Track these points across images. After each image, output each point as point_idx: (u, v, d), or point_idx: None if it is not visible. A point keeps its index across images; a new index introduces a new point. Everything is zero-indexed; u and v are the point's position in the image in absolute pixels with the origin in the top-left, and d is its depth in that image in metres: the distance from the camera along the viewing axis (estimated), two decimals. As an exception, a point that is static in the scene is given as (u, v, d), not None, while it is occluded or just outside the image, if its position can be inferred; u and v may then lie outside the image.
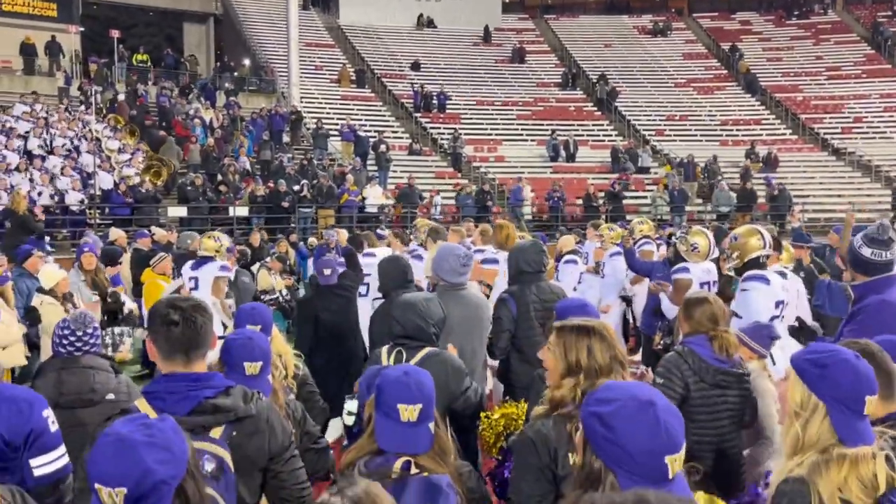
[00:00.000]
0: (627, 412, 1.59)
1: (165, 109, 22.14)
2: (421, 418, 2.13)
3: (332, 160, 22.01)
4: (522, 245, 5.00)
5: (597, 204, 20.76)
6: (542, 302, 4.60)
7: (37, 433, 2.31)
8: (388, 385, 2.16)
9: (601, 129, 28.62)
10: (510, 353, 4.61)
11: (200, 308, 2.14)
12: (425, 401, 2.15)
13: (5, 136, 17.43)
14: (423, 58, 31.55)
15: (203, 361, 2.15)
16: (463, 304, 4.41)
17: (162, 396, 2.08)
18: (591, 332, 2.39)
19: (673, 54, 33.73)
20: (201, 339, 2.12)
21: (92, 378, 3.04)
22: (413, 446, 2.11)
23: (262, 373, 2.61)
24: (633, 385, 1.74)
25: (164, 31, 41.66)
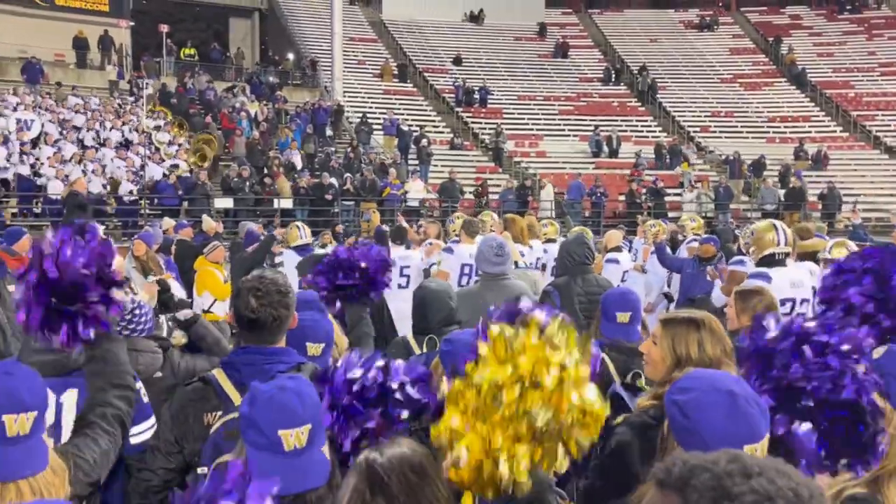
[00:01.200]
0: (705, 401, 1.61)
1: (211, 103, 22.56)
2: None
3: (375, 154, 22.19)
4: (568, 238, 5.04)
5: (640, 200, 20.55)
6: (587, 294, 4.62)
7: None
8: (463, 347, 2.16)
9: (644, 124, 28.29)
10: None
11: (282, 287, 2.22)
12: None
13: (60, 128, 17.97)
14: (466, 52, 31.54)
15: (281, 338, 2.23)
16: (502, 294, 4.42)
17: (238, 368, 2.18)
18: (702, 325, 2.36)
19: (719, 49, 33.13)
20: (275, 323, 2.19)
21: (135, 360, 3.15)
22: None
23: (324, 355, 2.68)
24: (716, 374, 1.75)
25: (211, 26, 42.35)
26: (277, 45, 34.53)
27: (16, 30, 25.13)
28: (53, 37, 25.36)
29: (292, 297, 2.27)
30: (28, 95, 19.57)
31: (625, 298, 3.44)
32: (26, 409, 1.64)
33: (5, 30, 24.78)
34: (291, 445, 1.72)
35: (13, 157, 15.79)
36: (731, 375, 1.75)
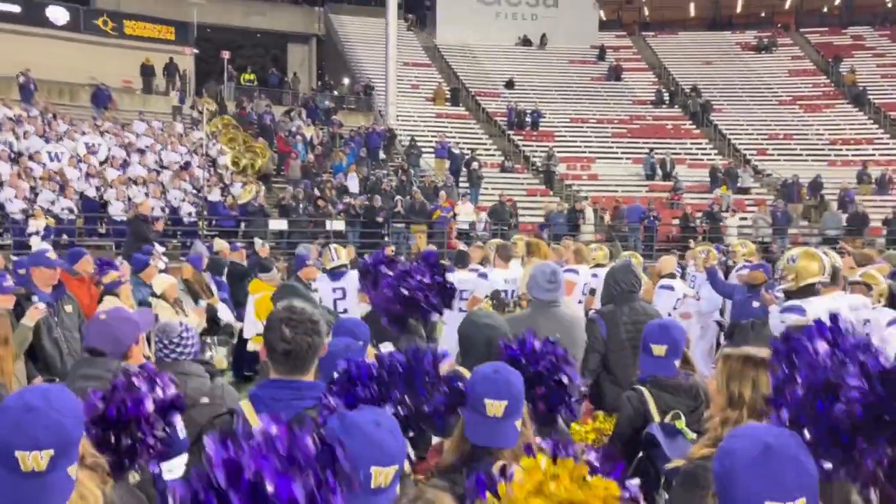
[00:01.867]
0: (738, 448, 1.56)
1: (268, 126, 23.17)
2: (506, 414, 2.17)
3: (425, 176, 22.40)
4: (614, 265, 4.99)
5: (694, 224, 20.18)
6: (633, 323, 4.55)
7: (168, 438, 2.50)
8: (477, 381, 2.23)
9: (699, 147, 27.85)
10: (600, 375, 4.57)
11: (313, 316, 2.26)
12: (511, 397, 2.18)
13: (125, 151, 18.69)
14: (518, 76, 31.67)
15: (311, 368, 2.27)
16: (554, 321, 4.39)
17: (265, 402, 2.20)
18: (759, 364, 2.26)
19: (778, 70, 32.47)
20: (308, 352, 2.23)
21: (185, 384, 3.23)
22: (498, 440, 2.16)
23: None
24: (769, 427, 1.67)
25: (269, 52, 43.61)
26: (333, 70, 35.31)
27: (87, 58, 26.35)
28: (122, 64, 26.52)
29: (323, 325, 2.30)
30: (96, 120, 20.44)
31: (663, 331, 3.33)
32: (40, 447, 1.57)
33: (77, 58, 26.01)
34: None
35: (81, 179, 16.48)
36: (784, 431, 1.65)
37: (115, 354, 2.64)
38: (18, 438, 1.56)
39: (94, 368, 2.55)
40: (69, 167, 16.68)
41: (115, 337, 2.65)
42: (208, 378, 3.31)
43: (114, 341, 2.64)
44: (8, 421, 1.59)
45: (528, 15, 35.34)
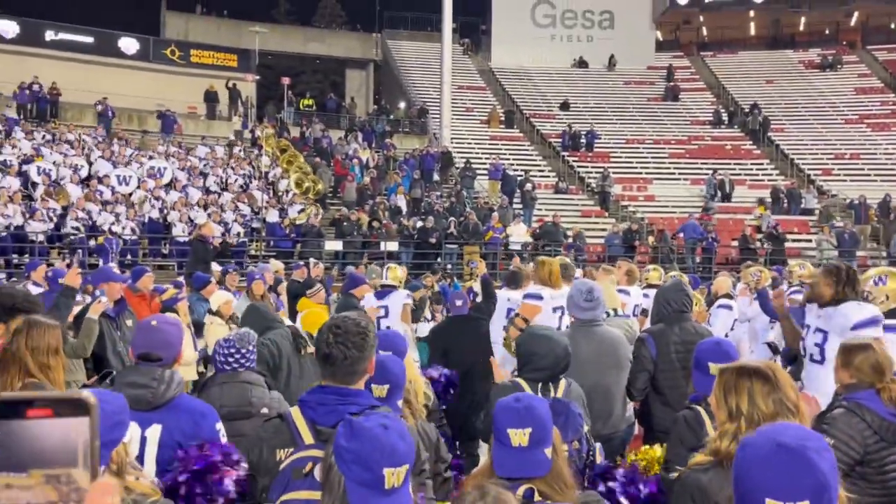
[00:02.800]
0: (749, 444, 1.56)
1: (326, 150, 23.68)
2: (532, 442, 2.11)
3: (479, 198, 22.47)
4: (665, 285, 4.91)
5: (754, 246, 19.65)
6: (684, 343, 4.45)
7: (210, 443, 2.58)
8: (498, 412, 2.18)
9: (760, 167, 27.20)
10: (650, 396, 4.48)
11: (361, 328, 2.28)
12: (535, 425, 2.12)
13: (188, 174, 19.35)
14: (573, 97, 31.60)
15: (357, 379, 2.29)
16: (595, 340, 4.37)
17: (313, 406, 2.24)
18: (753, 375, 2.23)
19: (843, 89, 31.54)
20: (347, 361, 2.24)
21: (249, 392, 3.31)
22: (526, 470, 2.09)
23: (390, 396, 2.71)
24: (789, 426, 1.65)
25: (328, 78, 44.70)
26: (390, 94, 35.92)
27: (155, 85, 27.51)
28: (187, 91, 27.57)
29: (370, 340, 2.29)
30: (161, 145, 21.26)
31: (719, 349, 3.25)
32: None
33: (146, 86, 27.17)
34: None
35: (146, 202, 17.10)
36: (808, 433, 1.62)
37: (167, 360, 2.72)
38: None
39: (140, 376, 2.63)
40: (136, 190, 17.36)
41: (168, 342, 2.73)
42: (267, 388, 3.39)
43: (167, 346, 2.73)
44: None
45: (584, 37, 35.32)
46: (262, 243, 17.79)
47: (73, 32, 28.40)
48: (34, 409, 0.81)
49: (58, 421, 0.81)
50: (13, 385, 3.03)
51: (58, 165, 17.35)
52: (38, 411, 0.81)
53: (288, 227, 17.74)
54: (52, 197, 15.43)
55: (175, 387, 2.64)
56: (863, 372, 3.07)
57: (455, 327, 6.29)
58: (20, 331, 3.12)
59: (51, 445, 0.80)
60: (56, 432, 0.81)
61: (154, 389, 2.57)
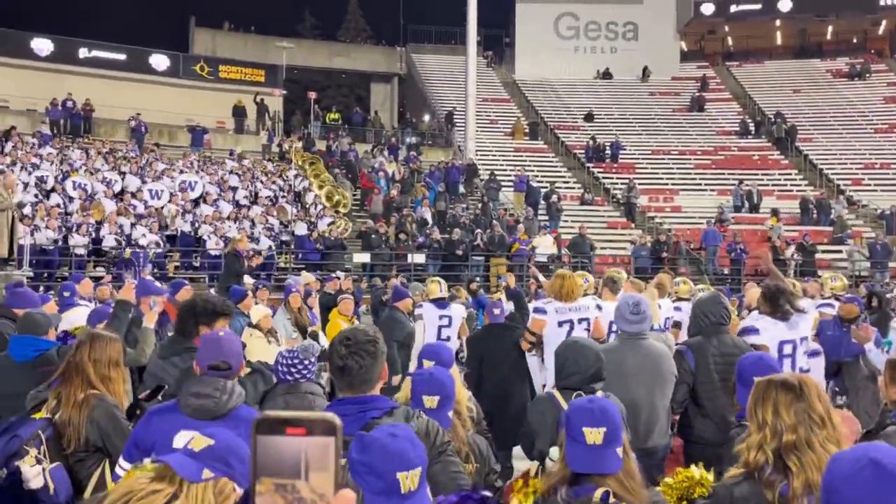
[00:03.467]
0: (845, 466, 1.54)
1: (352, 163, 23.91)
2: (606, 441, 2.23)
3: (505, 210, 22.52)
4: (702, 297, 4.92)
5: (784, 257, 19.45)
6: (722, 356, 4.46)
7: None
8: (573, 412, 2.31)
9: (788, 177, 26.94)
10: (689, 408, 4.50)
11: (370, 337, 2.39)
12: (609, 425, 2.24)
13: (218, 188, 19.65)
14: (598, 108, 31.58)
15: (373, 386, 2.40)
16: (641, 353, 4.38)
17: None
18: (779, 386, 2.27)
19: (872, 98, 31.18)
20: (361, 371, 2.35)
21: (312, 402, 3.41)
22: (600, 467, 2.21)
23: (441, 407, 2.79)
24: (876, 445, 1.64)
25: (353, 92, 45.13)
26: (414, 108, 36.17)
27: (184, 101, 28.00)
28: (216, 106, 28.02)
29: (381, 347, 2.40)
30: (193, 159, 21.61)
31: (763, 363, 3.25)
32: None
33: (176, 101, 27.66)
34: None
35: (178, 216, 17.39)
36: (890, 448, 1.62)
37: (234, 369, 2.82)
38: None
39: (204, 387, 2.72)
40: (167, 204, 17.66)
41: (234, 352, 2.84)
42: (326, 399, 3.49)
43: (234, 356, 2.83)
44: None
45: (608, 48, 35.34)
46: (290, 256, 17.99)
47: (105, 50, 29.03)
48: (293, 428, 0.91)
49: (310, 439, 0.91)
50: (76, 396, 3.14)
51: (92, 180, 17.72)
52: (295, 430, 0.91)
53: (317, 240, 17.92)
54: (87, 211, 15.75)
55: (236, 397, 2.72)
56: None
57: (491, 335, 6.37)
58: (83, 343, 3.25)
59: (304, 457, 0.90)
60: (310, 448, 0.91)
61: (217, 399, 2.65)
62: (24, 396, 3.35)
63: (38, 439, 2.90)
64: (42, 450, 2.87)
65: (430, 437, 2.38)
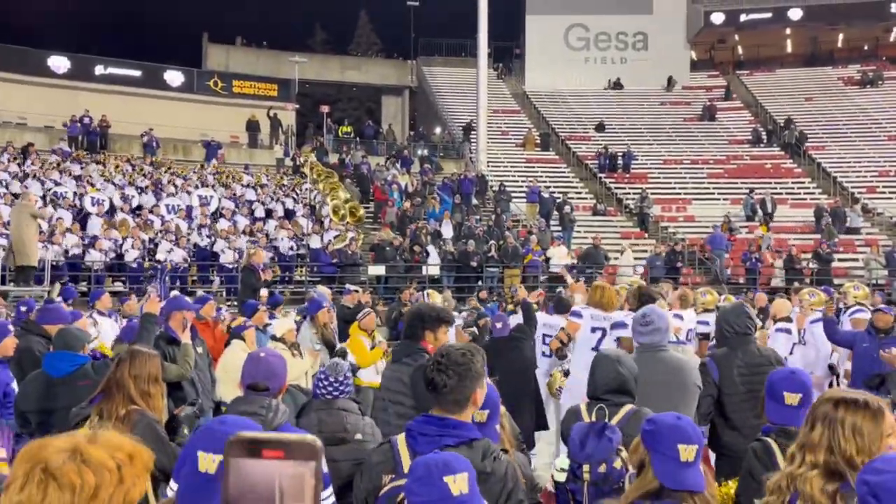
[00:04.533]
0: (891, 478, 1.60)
1: (365, 176, 24.04)
2: (696, 458, 2.26)
3: (517, 221, 22.55)
4: (726, 307, 4.93)
5: (800, 266, 19.37)
6: (748, 366, 4.45)
7: None
8: (665, 429, 2.30)
9: (802, 186, 26.84)
10: (716, 420, 4.49)
11: (463, 359, 2.38)
12: (699, 442, 2.28)
13: (233, 203, 19.80)
14: (609, 119, 31.63)
15: (462, 409, 2.38)
16: (658, 366, 4.32)
17: (415, 435, 2.35)
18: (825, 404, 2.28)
19: (886, 105, 31.03)
20: (451, 389, 2.35)
21: (345, 419, 3.45)
22: (692, 484, 2.24)
23: (490, 421, 2.77)
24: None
25: (364, 105, 45.40)
26: (426, 120, 36.34)
27: (199, 116, 28.27)
28: (230, 120, 28.27)
29: (474, 370, 2.38)
30: (208, 174, 21.80)
31: (795, 378, 3.19)
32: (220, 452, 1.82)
33: (190, 116, 27.95)
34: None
35: (194, 230, 17.55)
36: None
37: (274, 390, 2.86)
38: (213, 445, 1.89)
39: (250, 405, 2.77)
40: (182, 219, 17.82)
41: (274, 372, 2.88)
42: (361, 416, 3.51)
43: (273, 377, 2.87)
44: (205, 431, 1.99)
45: (618, 59, 35.41)
46: (305, 269, 18.08)
47: (120, 66, 29.40)
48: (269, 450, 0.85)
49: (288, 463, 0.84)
50: (118, 412, 3.20)
51: (110, 195, 17.91)
52: (272, 452, 0.84)
53: (332, 253, 18.01)
54: (115, 227, 15.91)
55: (281, 415, 2.77)
56: None
57: (496, 348, 6.40)
58: (124, 360, 3.31)
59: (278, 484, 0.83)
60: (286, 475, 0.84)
61: (263, 417, 2.71)
62: (65, 411, 3.42)
63: (83, 455, 2.95)
64: (88, 465, 2.92)
65: (505, 483, 2.34)
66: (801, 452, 2.21)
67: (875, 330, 6.03)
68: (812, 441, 2.18)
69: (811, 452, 2.17)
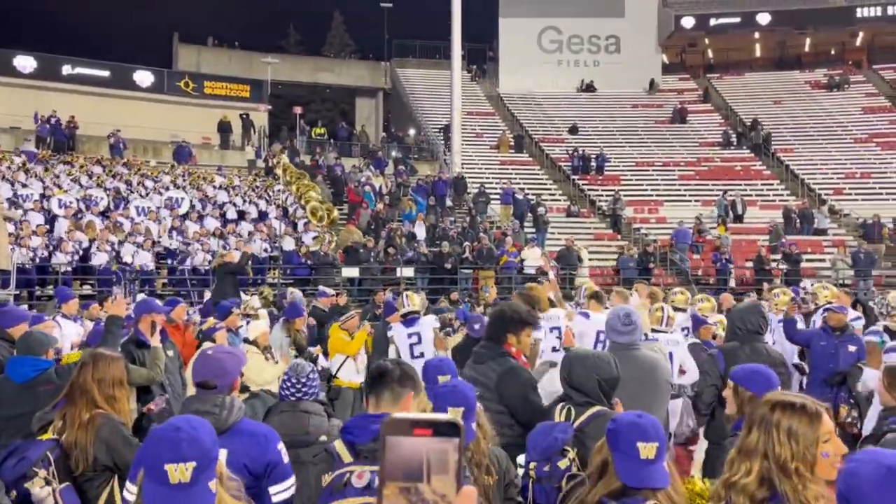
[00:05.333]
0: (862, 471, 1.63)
1: (338, 178, 23.91)
2: (657, 456, 2.26)
3: (492, 223, 22.60)
4: (741, 305, 5.06)
5: (769, 267, 19.66)
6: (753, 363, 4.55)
7: (273, 464, 2.68)
8: (624, 427, 2.32)
9: (771, 188, 27.27)
10: (717, 411, 4.59)
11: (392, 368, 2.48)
12: (660, 440, 2.29)
13: (204, 204, 19.57)
14: (582, 121, 31.85)
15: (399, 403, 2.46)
16: (632, 364, 4.32)
17: (350, 430, 2.41)
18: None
19: (851, 108, 31.69)
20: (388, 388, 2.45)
21: (307, 421, 3.42)
22: (654, 481, 2.25)
23: (465, 419, 2.76)
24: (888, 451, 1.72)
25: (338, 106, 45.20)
26: (399, 122, 36.29)
27: (169, 117, 27.92)
28: (201, 121, 27.96)
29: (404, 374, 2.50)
30: (179, 176, 21.52)
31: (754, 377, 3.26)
32: (185, 459, 1.83)
33: (161, 117, 27.58)
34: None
35: (164, 232, 17.31)
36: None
37: (222, 387, 2.81)
38: (168, 452, 1.84)
39: (203, 404, 2.73)
40: (152, 221, 17.56)
41: (224, 370, 2.83)
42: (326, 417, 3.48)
43: (223, 374, 2.82)
44: (158, 440, 1.89)
45: (591, 62, 35.70)
46: (278, 272, 17.92)
47: (89, 66, 28.93)
48: (419, 429, 0.93)
49: (434, 440, 0.93)
50: (82, 416, 3.13)
51: (77, 197, 17.60)
52: (422, 430, 0.93)
53: (304, 255, 17.88)
54: (81, 230, 15.61)
55: (236, 412, 2.74)
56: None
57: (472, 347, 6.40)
58: (86, 363, 3.23)
59: (426, 458, 0.93)
60: (433, 450, 0.93)
61: (217, 416, 2.67)
62: (27, 416, 3.33)
63: (46, 461, 2.88)
64: (51, 471, 2.85)
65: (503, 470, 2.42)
66: (739, 458, 2.14)
67: (831, 329, 6.14)
68: (749, 446, 2.12)
69: (747, 458, 2.11)
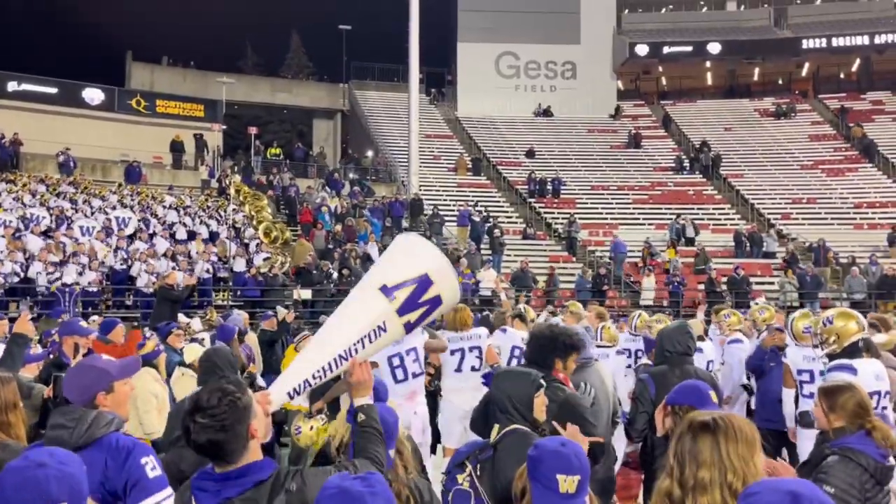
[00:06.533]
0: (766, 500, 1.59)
1: (293, 199, 23.61)
2: (579, 490, 2.09)
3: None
4: (669, 326, 4.95)
5: (720, 290, 19.95)
6: (685, 386, 4.49)
7: (134, 480, 2.48)
8: (545, 456, 2.14)
9: (722, 212, 27.83)
10: (650, 438, 4.48)
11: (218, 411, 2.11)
12: (583, 472, 2.11)
13: (153, 225, 19.08)
14: (539, 145, 32.16)
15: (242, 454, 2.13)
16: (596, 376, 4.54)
17: (194, 491, 2.16)
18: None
19: (797, 136, 32.67)
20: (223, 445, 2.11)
21: None
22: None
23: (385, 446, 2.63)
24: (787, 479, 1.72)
25: (295, 127, 44.90)
26: (357, 144, 36.18)
27: (120, 136, 27.34)
28: (153, 141, 27.43)
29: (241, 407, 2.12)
30: (127, 195, 20.99)
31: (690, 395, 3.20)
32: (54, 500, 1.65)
33: (111, 136, 26.99)
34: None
35: (110, 253, 16.79)
36: (803, 481, 1.69)
37: (76, 401, 2.62)
38: (31, 495, 1.63)
39: (61, 416, 2.57)
40: (97, 241, 17.04)
41: (77, 386, 2.65)
42: None
43: (78, 389, 2.64)
44: (21, 479, 1.65)
45: (547, 87, 36.19)
46: (228, 293, 17.52)
47: (35, 83, 28.22)
48: None
49: None
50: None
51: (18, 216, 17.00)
52: None
53: (255, 276, 17.52)
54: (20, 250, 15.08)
55: (102, 426, 2.55)
56: (847, 411, 3.01)
57: None
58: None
59: None
60: None
61: (70, 430, 2.50)
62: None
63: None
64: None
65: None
66: (662, 478, 2.09)
67: (779, 349, 6.14)
68: (667, 466, 2.07)
69: (664, 479, 2.06)
